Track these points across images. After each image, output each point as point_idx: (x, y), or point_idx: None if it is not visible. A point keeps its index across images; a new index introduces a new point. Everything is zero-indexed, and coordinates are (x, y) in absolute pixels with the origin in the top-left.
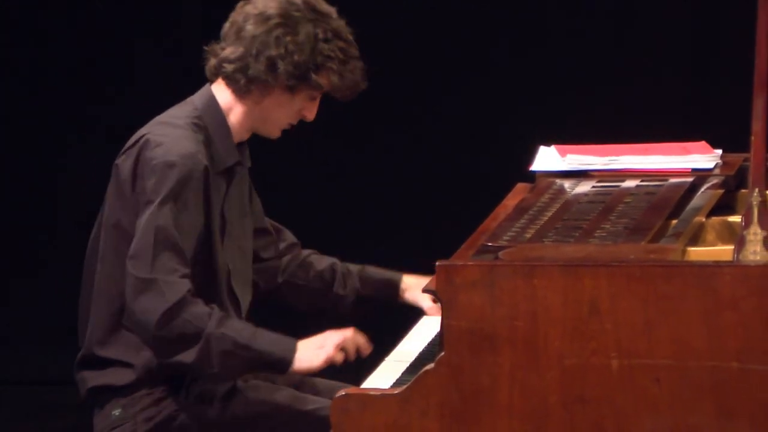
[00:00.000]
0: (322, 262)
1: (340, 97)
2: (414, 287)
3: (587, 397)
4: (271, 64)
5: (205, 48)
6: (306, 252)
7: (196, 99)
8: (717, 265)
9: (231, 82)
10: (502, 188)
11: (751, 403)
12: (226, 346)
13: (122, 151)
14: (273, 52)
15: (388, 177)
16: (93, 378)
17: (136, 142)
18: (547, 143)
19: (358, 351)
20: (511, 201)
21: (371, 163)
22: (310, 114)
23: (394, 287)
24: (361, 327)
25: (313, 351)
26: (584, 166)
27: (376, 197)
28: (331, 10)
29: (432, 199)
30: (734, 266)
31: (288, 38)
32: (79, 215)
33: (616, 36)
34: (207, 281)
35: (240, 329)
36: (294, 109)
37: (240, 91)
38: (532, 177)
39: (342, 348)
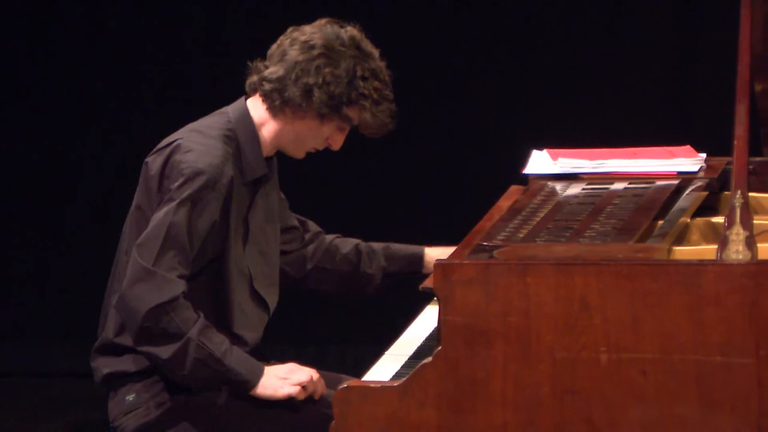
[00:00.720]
0: (347, 244)
1: (368, 133)
2: (434, 258)
3: (577, 389)
4: (307, 91)
5: (249, 63)
6: (330, 237)
7: (231, 110)
8: (701, 264)
9: (267, 99)
10: (497, 190)
11: (733, 395)
12: (202, 354)
13: (153, 150)
14: (311, 80)
15: (390, 179)
16: (108, 364)
17: (169, 144)
18: (540, 147)
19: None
20: (505, 202)
21: (374, 166)
22: (336, 144)
23: (419, 260)
24: (360, 322)
25: (277, 381)
26: (575, 169)
27: (379, 198)
28: (374, 51)
29: (430, 201)
30: (718, 265)
31: (327, 69)
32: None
33: (606, 47)
34: (216, 284)
35: (218, 343)
36: (322, 136)
37: (274, 110)
38: (525, 179)
39: (303, 387)
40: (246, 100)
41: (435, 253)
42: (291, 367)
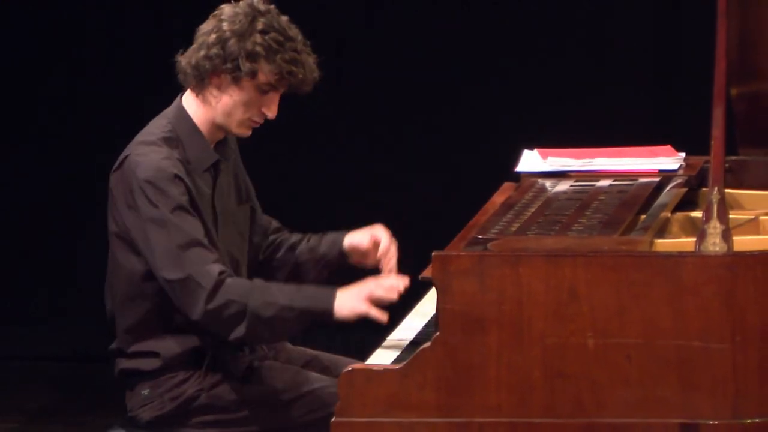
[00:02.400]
0: (291, 239)
1: (290, 89)
2: (352, 239)
3: (566, 372)
4: (208, 52)
5: (176, 57)
6: (285, 235)
7: (169, 112)
8: (681, 255)
9: (189, 84)
10: (491, 187)
11: (711, 377)
12: (270, 312)
13: (113, 169)
14: (211, 40)
15: (391, 176)
16: (123, 363)
17: (122, 162)
18: (531, 147)
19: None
20: (498, 198)
21: (377, 164)
22: (269, 111)
23: (337, 243)
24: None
25: (350, 302)
26: (563, 167)
27: (381, 194)
28: (272, 8)
29: (428, 197)
30: (696, 256)
31: (225, 28)
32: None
33: (592, 53)
34: None
35: (279, 291)
36: (248, 103)
37: (198, 91)
38: (517, 177)
39: (375, 300)
40: (181, 97)
41: (353, 237)
42: (361, 285)
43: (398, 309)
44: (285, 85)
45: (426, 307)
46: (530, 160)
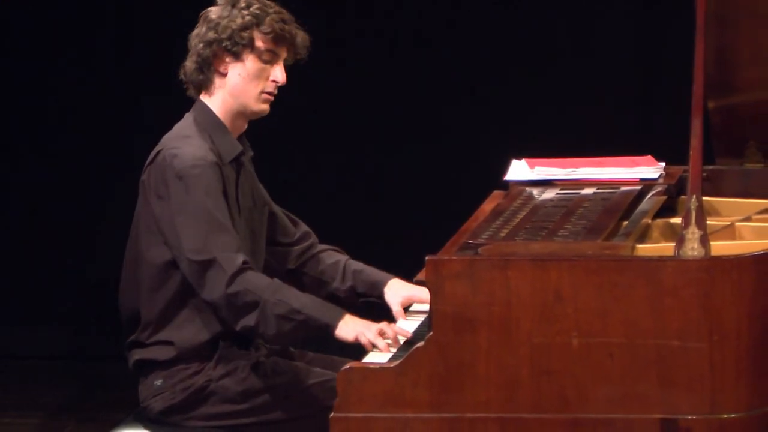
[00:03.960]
0: (331, 258)
1: (289, 51)
2: (392, 288)
3: (552, 370)
4: (205, 41)
5: (180, 77)
6: (321, 247)
7: (192, 112)
8: (661, 260)
9: (198, 81)
10: (481, 195)
11: (689, 375)
12: (282, 310)
13: (144, 168)
14: (203, 31)
15: (387, 185)
16: (139, 353)
17: (155, 157)
18: (519, 157)
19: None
20: (488, 205)
21: (374, 173)
22: (277, 76)
23: (379, 288)
24: (361, 313)
25: (355, 327)
26: (550, 176)
27: (377, 202)
28: None
29: (422, 205)
30: (675, 260)
31: (213, 17)
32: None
33: (577, 70)
34: None
35: (294, 296)
36: (254, 75)
37: (208, 84)
38: (506, 185)
39: (377, 338)
40: (198, 99)
41: (394, 285)
42: (369, 322)
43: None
44: (282, 44)
45: (419, 309)
46: (518, 170)
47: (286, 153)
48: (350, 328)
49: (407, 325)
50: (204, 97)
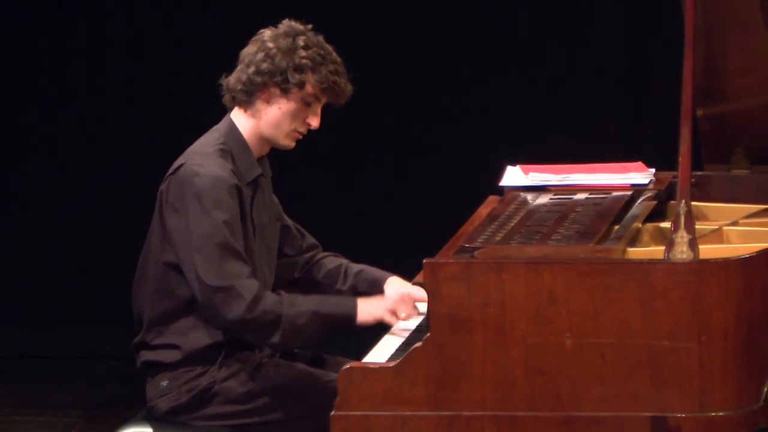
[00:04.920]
0: (333, 263)
1: (332, 100)
2: (392, 285)
3: (546, 370)
4: (258, 68)
5: (220, 81)
6: (323, 254)
7: (220, 127)
8: (651, 263)
9: (238, 100)
10: (477, 200)
11: (679, 374)
12: (301, 320)
13: (167, 175)
14: (259, 57)
15: (388, 190)
16: (146, 355)
17: (177, 170)
18: (513, 163)
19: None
20: (484, 210)
21: (374, 179)
22: (313, 121)
23: (379, 285)
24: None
25: (371, 308)
26: (543, 182)
27: (379, 205)
28: (308, 28)
29: (421, 209)
30: (665, 263)
31: (271, 46)
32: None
33: (572, 78)
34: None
35: (306, 302)
36: (294, 115)
37: (246, 106)
38: (501, 191)
39: (395, 312)
40: (230, 114)
41: (395, 282)
42: (380, 298)
43: None
44: (329, 95)
45: (418, 310)
46: (513, 176)
47: (284, 160)
48: (368, 311)
49: (404, 327)
50: (238, 113)
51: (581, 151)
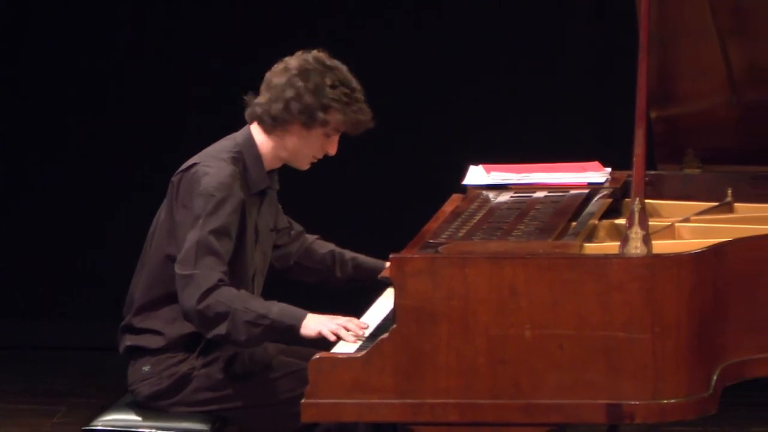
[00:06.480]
0: (324, 248)
1: (350, 133)
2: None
3: (507, 360)
4: (287, 105)
5: (245, 97)
6: (311, 237)
7: (238, 136)
8: (607, 257)
9: (261, 122)
10: (441, 198)
11: (634, 363)
12: (249, 317)
13: (178, 171)
14: (288, 94)
15: (355, 189)
16: (130, 339)
17: (190, 167)
18: (476, 163)
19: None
20: (448, 208)
21: (343, 178)
22: (331, 149)
23: (378, 272)
24: (329, 307)
25: (318, 324)
26: (504, 180)
27: (346, 203)
28: (339, 63)
29: (388, 207)
30: (620, 258)
31: (300, 83)
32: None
33: (530, 81)
34: (237, 279)
35: (260, 304)
36: (314, 144)
37: (268, 129)
38: (464, 189)
39: (339, 329)
40: (250, 126)
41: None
42: (330, 316)
43: (360, 305)
44: (350, 130)
45: (384, 304)
46: (476, 175)
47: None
48: (312, 325)
49: (372, 319)
50: (258, 130)
51: (541, 151)
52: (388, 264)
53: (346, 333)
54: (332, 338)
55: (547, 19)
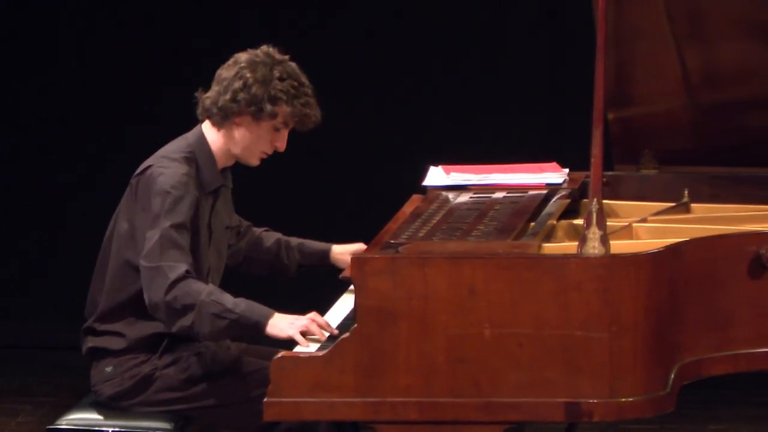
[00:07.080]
0: (270, 238)
1: (299, 127)
2: (338, 254)
3: (466, 358)
4: (234, 96)
5: (195, 94)
6: (258, 231)
7: (190, 135)
8: (565, 257)
9: (211, 116)
10: (401, 199)
11: (591, 362)
12: (216, 309)
13: (135, 174)
14: (236, 86)
15: (316, 190)
16: (93, 341)
17: (145, 170)
18: (436, 164)
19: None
20: (408, 208)
21: (301, 178)
22: (281, 144)
23: (326, 256)
24: (291, 307)
25: (285, 324)
26: (464, 181)
27: (307, 204)
28: (286, 58)
29: (348, 208)
30: (578, 258)
31: (248, 75)
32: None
33: (490, 82)
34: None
35: (228, 298)
36: (263, 138)
37: (218, 124)
38: (424, 190)
39: (305, 332)
40: (201, 125)
41: (339, 250)
42: (297, 316)
43: (322, 304)
44: (298, 124)
45: (345, 303)
46: (435, 176)
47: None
48: (280, 325)
49: (333, 318)
50: (209, 127)
51: (500, 152)
52: (334, 247)
53: (316, 328)
54: (304, 342)
55: (502, 12)
